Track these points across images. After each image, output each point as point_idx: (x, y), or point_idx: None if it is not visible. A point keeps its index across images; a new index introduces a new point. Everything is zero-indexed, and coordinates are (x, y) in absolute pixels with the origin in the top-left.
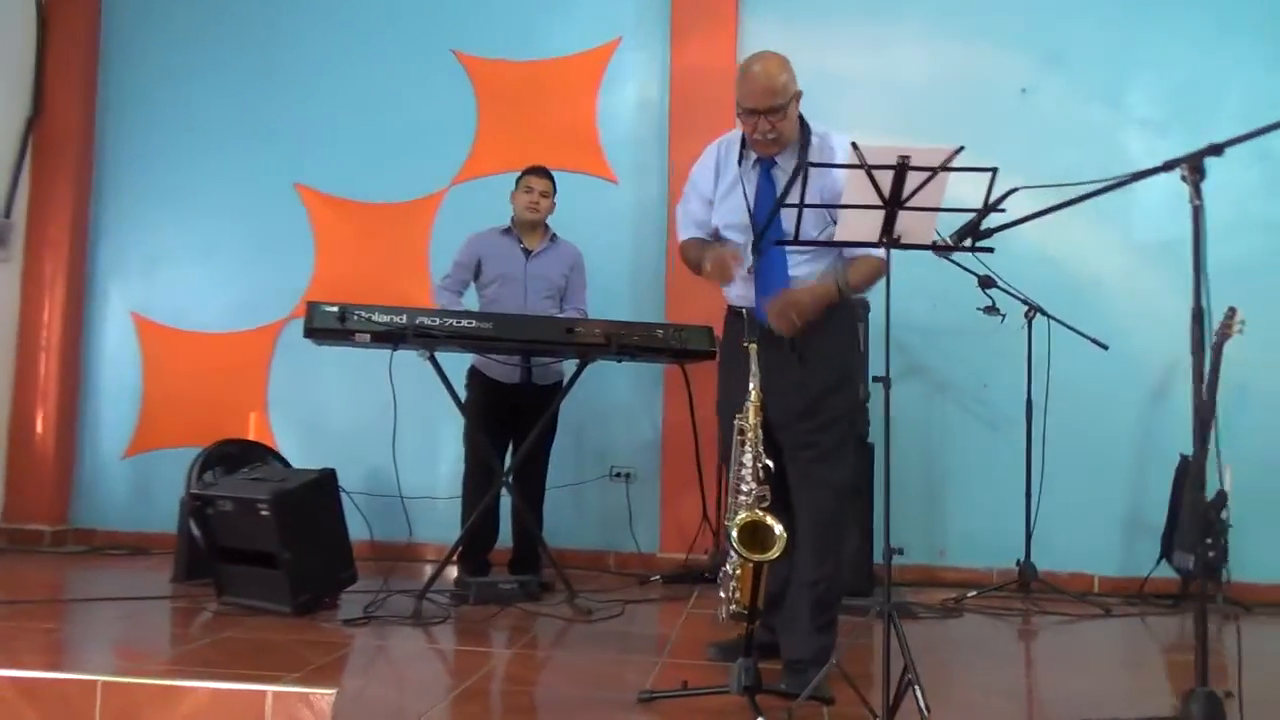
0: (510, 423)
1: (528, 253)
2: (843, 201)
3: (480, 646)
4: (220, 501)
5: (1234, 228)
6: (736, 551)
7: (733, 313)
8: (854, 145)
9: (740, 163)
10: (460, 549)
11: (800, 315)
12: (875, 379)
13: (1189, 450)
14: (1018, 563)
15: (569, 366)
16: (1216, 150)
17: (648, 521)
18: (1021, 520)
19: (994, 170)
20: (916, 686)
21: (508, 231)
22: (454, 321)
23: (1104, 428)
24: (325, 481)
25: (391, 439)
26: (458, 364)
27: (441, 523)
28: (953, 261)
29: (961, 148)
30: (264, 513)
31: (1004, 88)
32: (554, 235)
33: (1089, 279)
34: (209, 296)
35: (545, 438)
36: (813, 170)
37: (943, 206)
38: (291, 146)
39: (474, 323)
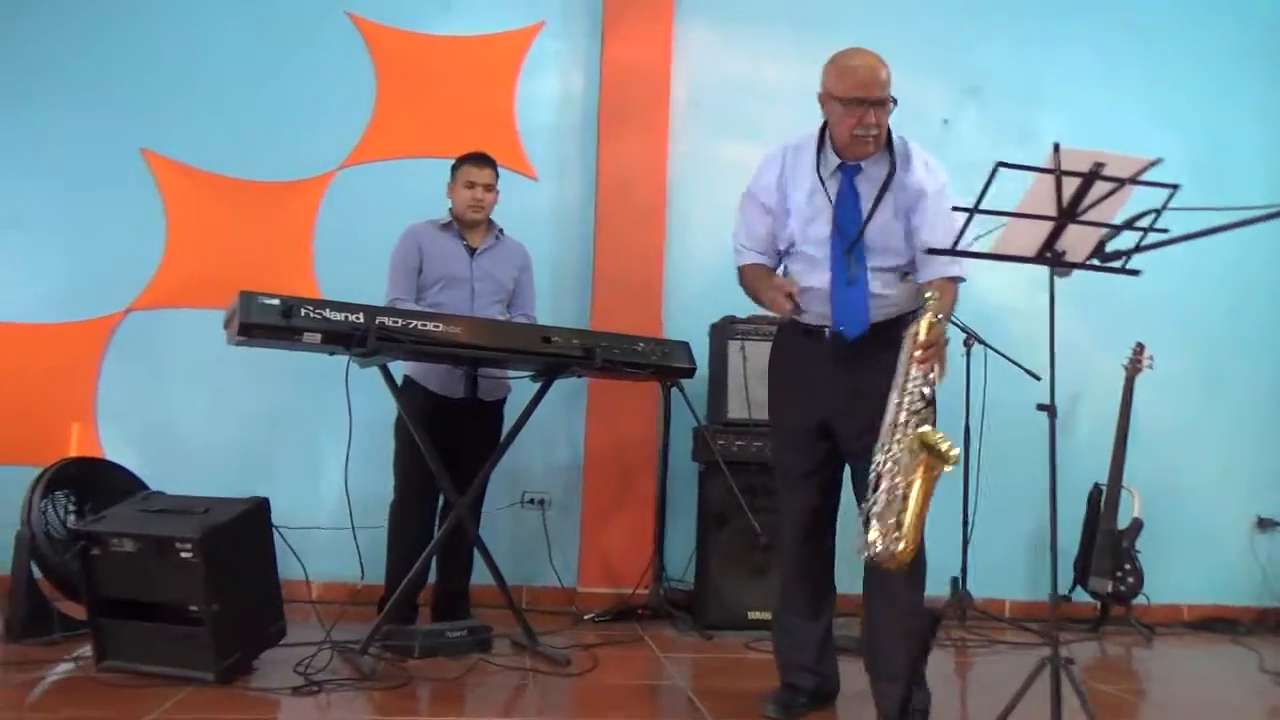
0: (450, 444)
1: (472, 251)
2: (1016, 207)
3: (497, 717)
4: (115, 540)
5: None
6: (928, 447)
7: (800, 331)
8: (1055, 147)
9: (819, 168)
10: (389, 592)
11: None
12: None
13: (1097, 478)
14: (953, 590)
15: (516, 381)
16: None
17: (564, 553)
18: (945, 547)
19: (1175, 187)
20: None
21: (447, 226)
22: (419, 324)
23: (1013, 455)
24: (258, 514)
25: (345, 459)
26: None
27: (326, 557)
28: None
29: (1159, 159)
30: (185, 555)
31: (928, 117)
32: (500, 231)
33: (1002, 309)
34: (18, 280)
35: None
36: (896, 180)
37: (1111, 223)
38: (142, 104)
39: (440, 326)
